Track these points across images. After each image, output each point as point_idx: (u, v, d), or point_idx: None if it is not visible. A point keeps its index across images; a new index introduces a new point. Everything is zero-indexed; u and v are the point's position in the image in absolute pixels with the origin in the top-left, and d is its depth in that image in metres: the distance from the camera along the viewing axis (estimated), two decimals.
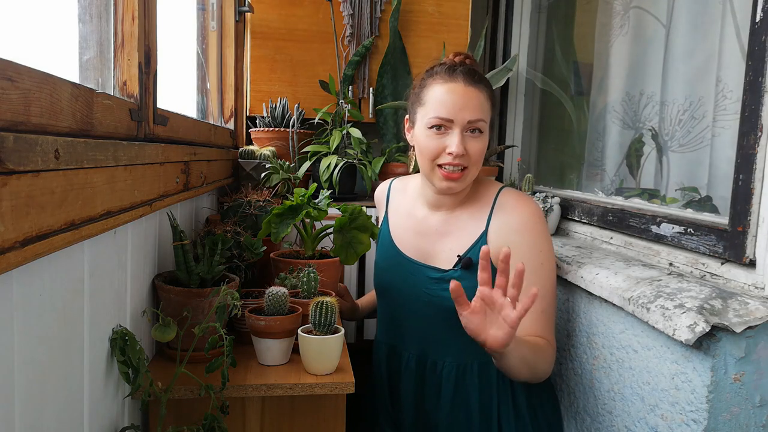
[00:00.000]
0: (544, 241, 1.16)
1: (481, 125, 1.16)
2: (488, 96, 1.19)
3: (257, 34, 2.01)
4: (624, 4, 1.61)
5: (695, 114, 1.33)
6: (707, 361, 0.84)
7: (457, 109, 1.14)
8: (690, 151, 1.35)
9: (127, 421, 0.95)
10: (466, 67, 1.19)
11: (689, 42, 1.37)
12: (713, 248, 1.01)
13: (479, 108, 1.15)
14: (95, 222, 0.70)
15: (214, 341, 0.94)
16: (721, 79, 1.24)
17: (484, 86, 1.18)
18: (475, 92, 1.15)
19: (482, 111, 1.16)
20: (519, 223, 1.16)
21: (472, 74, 1.17)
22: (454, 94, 1.15)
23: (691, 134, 1.35)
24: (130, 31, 0.93)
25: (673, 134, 1.40)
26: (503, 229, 1.16)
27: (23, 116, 0.56)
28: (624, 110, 1.58)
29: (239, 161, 1.74)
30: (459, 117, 1.14)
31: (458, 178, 1.16)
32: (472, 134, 1.15)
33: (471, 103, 1.14)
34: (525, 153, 2.25)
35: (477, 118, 1.14)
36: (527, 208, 1.17)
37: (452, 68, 1.18)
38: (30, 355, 0.62)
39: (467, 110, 1.14)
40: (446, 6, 2.09)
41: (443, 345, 1.17)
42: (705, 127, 1.30)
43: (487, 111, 1.18)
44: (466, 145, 1.14)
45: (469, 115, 1.14)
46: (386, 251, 1.31)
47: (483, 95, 1.17)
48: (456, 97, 1.15)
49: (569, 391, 1.25)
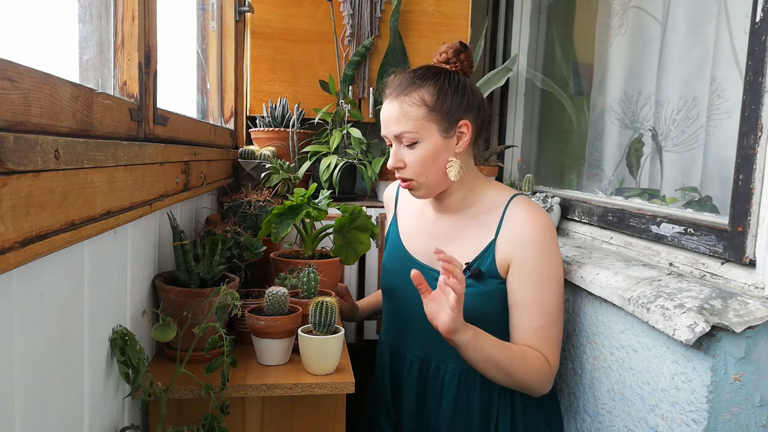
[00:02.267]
0: (551, 256, 1.13)
1: (408, 137, 1.13)
2: (418, 100, 1.12)
3: (257, 34, 2.01)
4: (623, 3, 1.61)
5: (690, 114, 1.33)
6: (707, 361, 0.84)
7: (384, 125, 1.18)
8: (684, 151, 1.35)
9: (127, 421, 0.95)
10: (402, 75, 1.18)
11: (685, 41, 1.37)
12: (713, 248, 1.01)
13: (401, 121, 1.13)
14: (95, 222, 0.70)
15: (214, 341, 0.94)
16: (716, 79, 1.24)
17: (416, 90, 1.13)
18: (396, 105, 1.14)
19: (405, 123, 1.13)
20: (527, 235, 1.13)
21: (397, 84, 1.16)
22: (383, 111, 1.18)
23: (685, 134, 1.35)
24: (130, 31, 0.93)
25: (668, 134, 1.40)
26: (511, 241, 1.14)
27: (23, 116, 0.56)
28: (623, 110, 1.59)
29: (239, 161, 1.74)
30: (386, 132, 1.17)
31: (408, 186, 1.18)
32: (407, 146, 1.14)
33: (393, 118, 1.14)
34: (525, 153, 2.25)
35: (400, 131, 1.13)
36: (537, 221, 1.14)
37: (390, 81, 1.19)
38: (30, 355, 0.62)
39: (390, 125, 1.15)
40: (446, 6, 2.09)
41: (447, 350, 1.16)
42: (699, 126, 1.30)
43: (416, 119, 1.12)
44: (404, 158, 1.15)
45: (392, 129, 1.15)
46: (395, 253, 1.30)
47: (406, 105, 1.13)
48: (383, 114, 1.18)
49: (569, 391, 1.25)
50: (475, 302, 1.13)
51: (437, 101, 1.13)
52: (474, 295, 1.13)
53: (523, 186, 1.78)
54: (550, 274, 1.12)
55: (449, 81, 1.16)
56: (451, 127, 1.14)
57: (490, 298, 1.14)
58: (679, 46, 1.38)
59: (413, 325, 1.23)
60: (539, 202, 1.60)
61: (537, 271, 1.11)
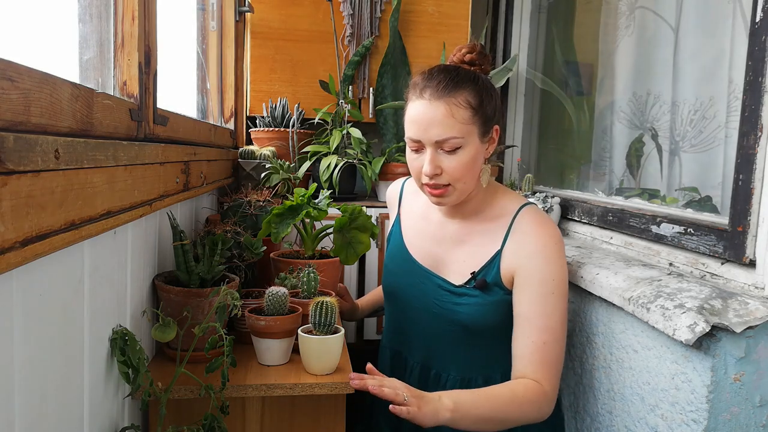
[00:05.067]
0: (557, 269, 1.09)
1: (453, 143, 1.06)
2: (464, 102, 1.06)
3: (257, 34, 2.01)
4: (629, 4, 1.60)
5: (706, 114, 1.32)
6: (707, 361, 0.84)
7: (422, 130, 1.07)
8: (701, 152, 1.34)
9: (127, 421, 0.95)
10: (442, 75, 1.09)
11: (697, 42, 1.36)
12: (713, 248, 1.01)
13: (447, 125, 1.05)
14: (95, 222, 0.70)
15: (214, 341, 0.94)
16: (733, 80, 1.23)
17: (460, 91, 1.07)
18: (442, 107, 1.05)
19: (451, 127, 1.05)
20: (534, 247, 1.10)
21: (442, 84, 1.07)
22: (421, 113, 1.08)
23: (703, 134, 1.33)
24: (130, 31, 0.93)
25: (685, 134, 1.38)
26: (517, 252, 1.11)
27: (23, 116, 0.56)
28: (632, 110, 1.58)
29: (239, 161, 1.75)
30: (425, 137, 1.07)
31: (442, 194, 1.11)
32: (447, 152, 1.08)
33: (437, 121, 1.06)
34: (525, 153, 2.25)
35: (445, 137, 1.06)
36: (544, 233, 1.11)
37: (427, 79, 1.09)
38: (30, 355, 0.62)
39: (433, 129, 1.06)
40: (446, 6, 2.09)
41: (448, 357, 1.16)
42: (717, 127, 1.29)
43: (462, 122, 1.06)
44: (441, 164, 1.08)
45: (436, 134, 1.06)
46: (397, 254, 1.28)
47: (454, 106, 1.06)
48: (422, 116, 1.07)
49: (569, 391, 1.25)
50: (481, 313, 1.12)
51: (481, 104, 1.08)
52: (479, 306, 1.12)
53: (523, 186, 1.78)
54: (555, 288, 1.08)
55: (485, 84, 1.11)
56: (488, 132, 1.11)
57: (495, 309, 1.13)
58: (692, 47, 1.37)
59: (414, 328, 1.23)
60: (539, 202, 1.60)
61: (541, 284, 1.08)
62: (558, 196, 1.65)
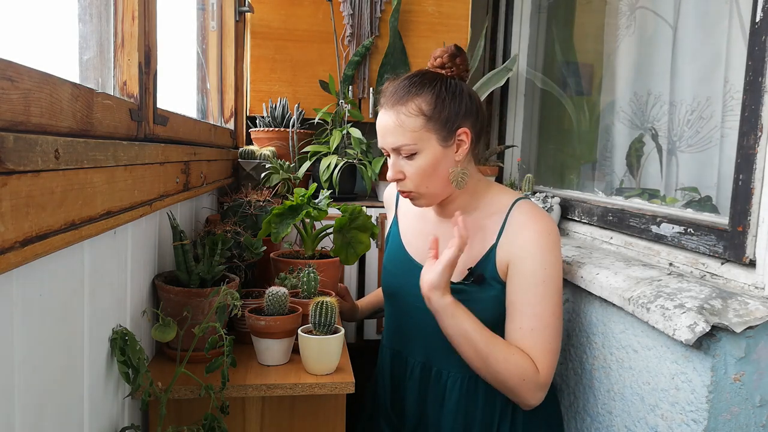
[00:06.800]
0: (550, 260, 1.09)
1: (408, 149, 1.09)
2: (414, 110, 1.09)
3: (257, 34, 2.01)
4: (630, 4, 1.60)
5: (703, 114, 1.32)
6: (707, 361, 0.84)
7: (380, 137, 1.14)
8: (698, 152, 1.34)
9: (127, 421, 0.95)
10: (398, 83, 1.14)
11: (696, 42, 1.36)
12: (713, 248, 1.01)
13: (397, 133, 1.09)
14: (95, 222, 0.70)
15: (214, 341, 0.94)
16: (729, 80, 1.23)
17: (412, 99, 1.09)
18: (393, 115, 1.10)
19: (402, 135, 1.09)
20: (527, 237, 1.11)
21: (394, 94, 1.12)
22: (379, 122, 1.14)
23: (700, 134, 1.33)
24: (130, 31, 0.93)
25: (682, 134, 1.38)
26: (512, 243, 1.12)
27: (23, 116, 0.56)
28: (632, 110, 1.58)
29: (239, 161, 1.75)
30: (383, 144, 1.14)
31: (410, 198, 1.16)
32: (405, 158, 1.11)
33: (389, 129, 1.11)
34: (525, 153, 2.25)
35: (398, 145, 1.10)
36: (537, 225, 1.12)
37: (386, 88, 1.15)
38: (30, 355, 0.62)
39: (387, 137, 1.12)
40: (446, 6, 2.09)
41: (449, 355, 1.16)
42: (713, 127, 1.29)
43: (413, 130, 1.08)
44: (403, 169, 1.12)
45: (390, 142, 1.11)
46: (395, 254, 1.29)
47: (403, 115, 1.09)
48: (379, 125, 1.14)
49: (569, 391, 1.25)
50: (480, 309, 1.12)
51: (435, 110, 1.09)
52: (478, 301, 1.12)
53: (523, 186, 1.78)
54: (546, 278, 1.09)
55: (446, 88, 1.12)
56: (450, 136, 1.11)
57: (494, 304, 1.13)
58: (691, 46, 1.37)
59: (415, 329, 1.23)
60: (539, 202, 1.61)
61: (533, 273, 1.09)
62: (558, 196, 1.65)
